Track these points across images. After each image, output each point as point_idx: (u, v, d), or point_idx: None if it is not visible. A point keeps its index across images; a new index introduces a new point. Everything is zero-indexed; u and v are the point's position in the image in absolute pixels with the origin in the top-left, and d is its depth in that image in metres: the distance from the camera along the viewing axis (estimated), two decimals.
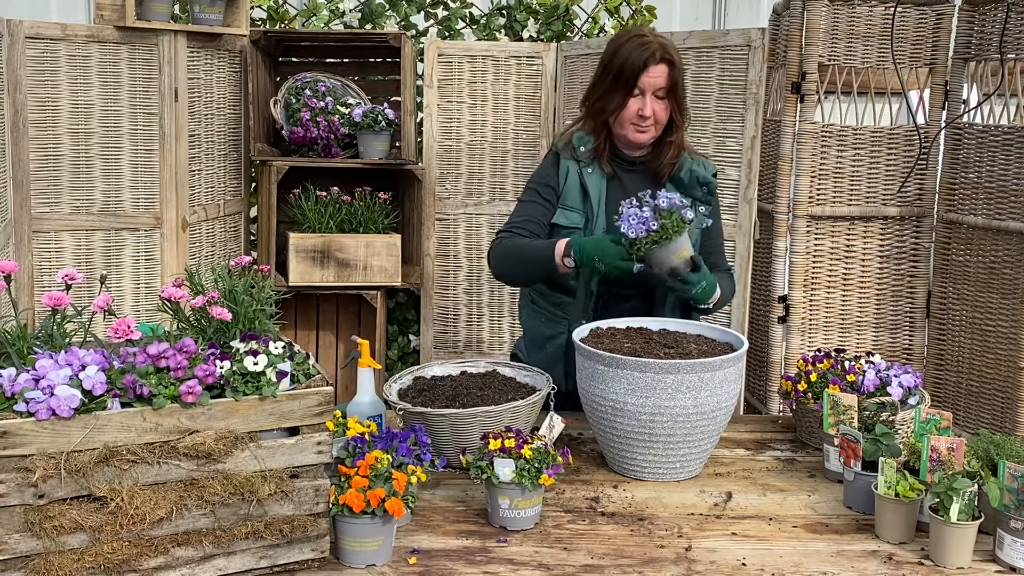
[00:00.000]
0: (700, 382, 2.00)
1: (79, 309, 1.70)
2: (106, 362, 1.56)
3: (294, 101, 3.64)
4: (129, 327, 1.60)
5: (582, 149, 2.40)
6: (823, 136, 3.23)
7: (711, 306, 2.35)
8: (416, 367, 2.34)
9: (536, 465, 1.82)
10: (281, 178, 3.50)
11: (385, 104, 3.72)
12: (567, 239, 2.26)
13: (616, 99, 2.31)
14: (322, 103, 3.61)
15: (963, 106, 3.22)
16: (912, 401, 2.20)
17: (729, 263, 2.52)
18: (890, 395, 2.19)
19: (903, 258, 3.33)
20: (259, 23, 3.96)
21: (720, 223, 2.51)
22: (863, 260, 3.32)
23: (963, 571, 1.72)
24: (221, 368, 1.58)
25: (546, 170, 2.46)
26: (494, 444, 1.84)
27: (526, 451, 1.82)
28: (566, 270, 2.27)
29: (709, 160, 2.51)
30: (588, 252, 2.20)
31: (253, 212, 3.81)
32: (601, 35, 4.03)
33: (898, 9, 3.15)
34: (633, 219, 2.12)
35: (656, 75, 2.28)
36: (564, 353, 2.42)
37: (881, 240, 3.32)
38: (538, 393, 2.15)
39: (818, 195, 3.26)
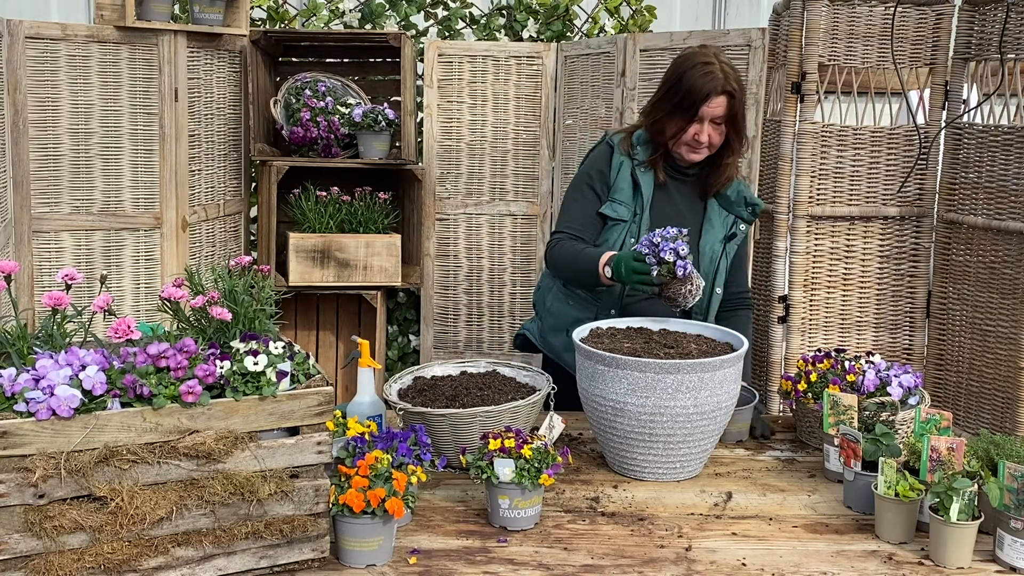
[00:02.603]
0: (700, 382, 2.00)
1: (79, 309, 1.70)
2: (106, 362, 1.56)
3: (294, 101, 3.64)
4: (129, 327, 1.60)
5: (639, 148, 2.47)
6: (823, 136, 3.23)
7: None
8: (416, 367, 2.34)
9: (536, 465, 1.82)
10: (281, 178, 3.50)
11: (385, 104, 3.72)
12: (611, 253, 2.32)
13: (676, 124, 2.39)
14: (322, 103, 3.61)
15: (963, 106, 3.22)
16: (912, 401, 2.20)
17: (747, 291, 2.65)
18: (890, 395, 2.19)
19: (903, 258, 3.33)
20: (259, 23, 3.95)
21: (748, 245, 2.64)
22: (863, 260, 3.32)
23: (963, 571, 1.72)
24: (221, 368, 1.58)
25: (599, 160, 2.52)
26: (494, 444, 1.84)
27: (526, 451, 1.82)
28: (608, 282, 2.32)
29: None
30: (618, 263, 2.26)
31: (253, 212, 3.81)
32: (601, 35, 4.03)
33: (898, 9, 3.14)
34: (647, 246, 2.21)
35: (716, 105, 2.35)
36: None
37: (881, 240, 3.31)
38: (538, 393, 2.15)
39: (818, 195, 3.26)
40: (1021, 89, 3.01)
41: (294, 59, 3.96)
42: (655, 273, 2.16)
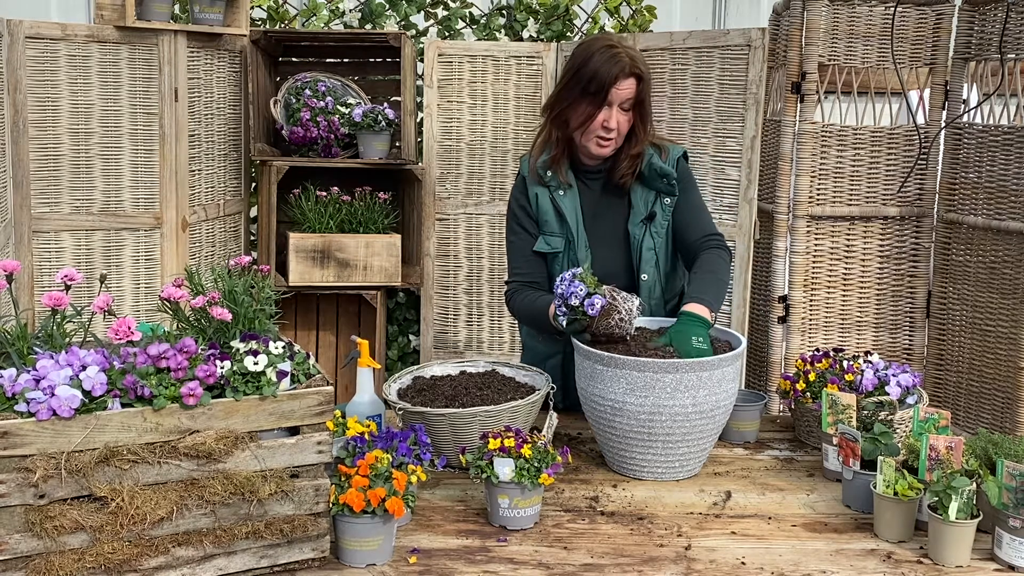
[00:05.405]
0: (699, 381, 2.00)
1: (79, 309, 1.71)
2: (106, 362, 1.56)
3: (294, 101, 3.65)
4: (129, 328, 1.60)
5: (549, 174, 2.40)
6: (823, 136, 3.23)
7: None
8: (416, 367, 2.34)
9: (536, 464, 1.83)
10: (281, 178, 3.50)
11: (385, 104, 3.72)
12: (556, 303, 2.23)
13: (583, 112, 2.29)
14: (322, 103, 3.61)
15: (963, 106, 3.22)
16: (910, 400, 2.21)
17: (712, 233, 2.42)
18: (888, 394, 2.19)
19: (903, 258, 3.33)
20: (259, 23, 3.96)
21: (694, 195, 2.45)
22: (863, 260, 3.32)
23: (962, 570, 1.73)
24: (221, 368, 1.58)
25: (517, 195, 2.46)
26: (494, 444, 1.84)
27: (526, 450, 1.83)
28: (562, 329, 2.25)
29: (676, 144, 2.46)
30: (555, 318, 2.19)
31: (253, 212, 3.81)
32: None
33: (898, 9, 3.15)
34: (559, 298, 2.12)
35: (625, 88, 2.27)
36: (562, 371, 2.43)
37: (881, 240, 3.32)
38: (537, 393, 2.16)
39: (818, 195, 3.26)
40: (1021, 89, 3.01)
41: (294, 59, 3.96)
42: (565, 324, 2.11)
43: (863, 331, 3.36)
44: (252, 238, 3.84)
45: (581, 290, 2.06)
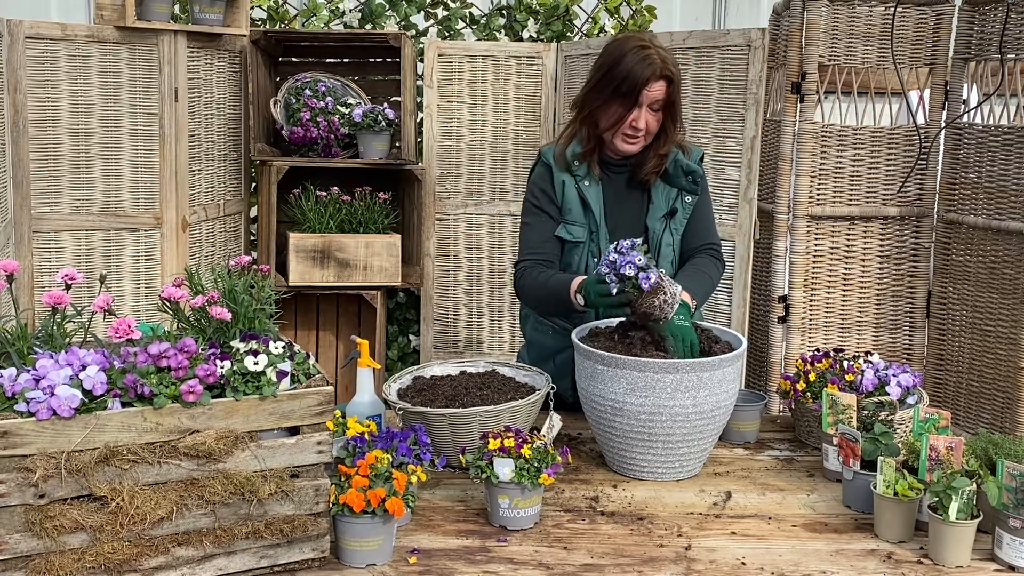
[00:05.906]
0: (699, 381, 2.00)
1: (79, 309, 1.71)
2: (106, 362, 1.56)
3: (294, 101, 3.65)
4: (129, 327, 1.60)
5: (576, 164, 2.39)
6: (823, 136, 3.23)
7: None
8: (415, 367, 2.34)
9: (536, 464, 1.83)
10: (281, 178, 3.50)
11: (385, 104, 3.72)
12: (581, 278, 2.22)
13: (614, 113, 2.29)
14: (322, 103, 3.62)
15: (963, 106, 3.22)
16: (911, 400, 2.21)
17: (713, 243, 2.48)
18: (888, 394, 2.19)
19: (903, 258, 3.33)
20: (259, 23, 3.96)
21: (707, 199, 2.49)
22: (863, 260, 3.32)
23: (962, 570, 1.73)
24: (221, 368, 1.58)
25: (542, 184, 2.44)
26: (494, 444, 1.84)
27: (526, 450, 1.83)
28: (583, 310, 2.25)
29: (695, 146, 2.49)
30: (587, 290, 2.17)
31: (253, 212, 3.81)
32: (601, 35, 4.04)
33: (898, 9, 3.15)
34: (607, 266, 2.08)
35: (656, 90, 2.27)
36: (572, 366, 2.42)
37: (881, 240, 3.32)
38: (538, 393, 2.15)
39: (818, 195, 3.26)
40: (1021, 89, 3.01)
41: (294, 59, 3.97)
42: (615, 292, 2.06)
43: (863, 331, 3.36)
44: (252, 238, 3.84)
45: (639, 260, 2.02)
